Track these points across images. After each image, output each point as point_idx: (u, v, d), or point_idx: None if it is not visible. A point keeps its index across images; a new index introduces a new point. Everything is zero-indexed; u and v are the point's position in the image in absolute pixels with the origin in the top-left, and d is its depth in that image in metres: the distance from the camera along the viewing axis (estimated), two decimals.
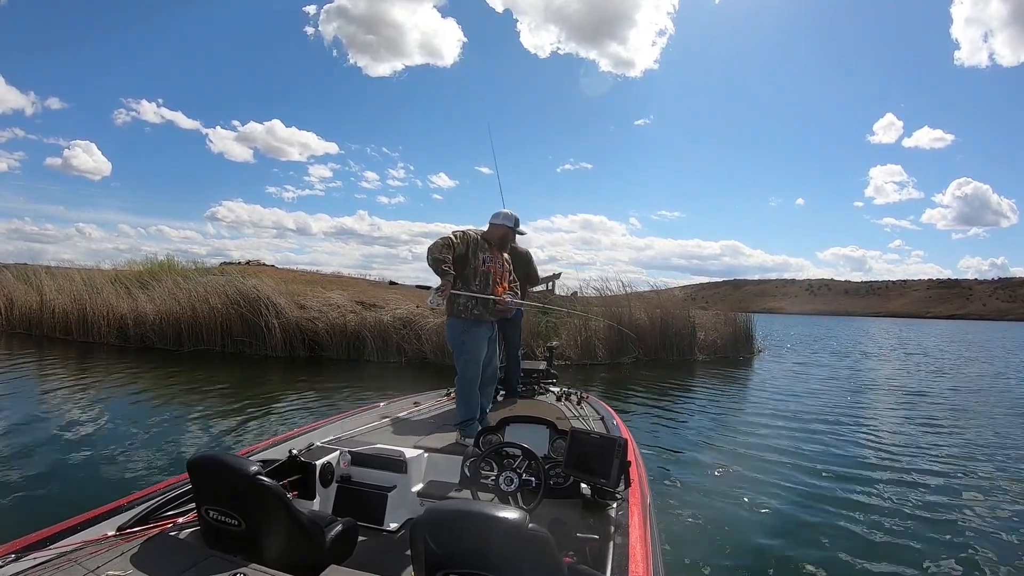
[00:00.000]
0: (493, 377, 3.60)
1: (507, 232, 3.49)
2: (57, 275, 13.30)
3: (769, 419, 6.61)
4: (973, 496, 4.12)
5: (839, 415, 7.03)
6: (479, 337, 3.33)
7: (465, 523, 1.25)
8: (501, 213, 3.51)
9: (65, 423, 5.30)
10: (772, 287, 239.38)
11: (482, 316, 3.32)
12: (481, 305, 3.31)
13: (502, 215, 3.50)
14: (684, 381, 9.60)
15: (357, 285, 14.34)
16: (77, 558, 1.52)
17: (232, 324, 10.94)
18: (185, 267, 14.31)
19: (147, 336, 11.27)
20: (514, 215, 3.52)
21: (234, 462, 1.67)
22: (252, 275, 12.31)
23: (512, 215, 3.52)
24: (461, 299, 3.30)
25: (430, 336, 10.48)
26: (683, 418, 6.56)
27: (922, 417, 7.16)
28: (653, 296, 13.27)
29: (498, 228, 3.47)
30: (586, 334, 11.19)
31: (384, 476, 2.42)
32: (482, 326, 3.34)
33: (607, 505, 2.12)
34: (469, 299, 3.28)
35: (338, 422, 3.09)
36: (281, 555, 1.58)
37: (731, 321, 13.70)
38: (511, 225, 3.48)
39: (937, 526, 3.52)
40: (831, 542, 3.23)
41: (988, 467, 4.90)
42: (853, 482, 4.31)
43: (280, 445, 2.55)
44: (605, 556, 1.73)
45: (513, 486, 2.15)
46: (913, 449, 5.43)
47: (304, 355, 10.73)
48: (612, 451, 2.07)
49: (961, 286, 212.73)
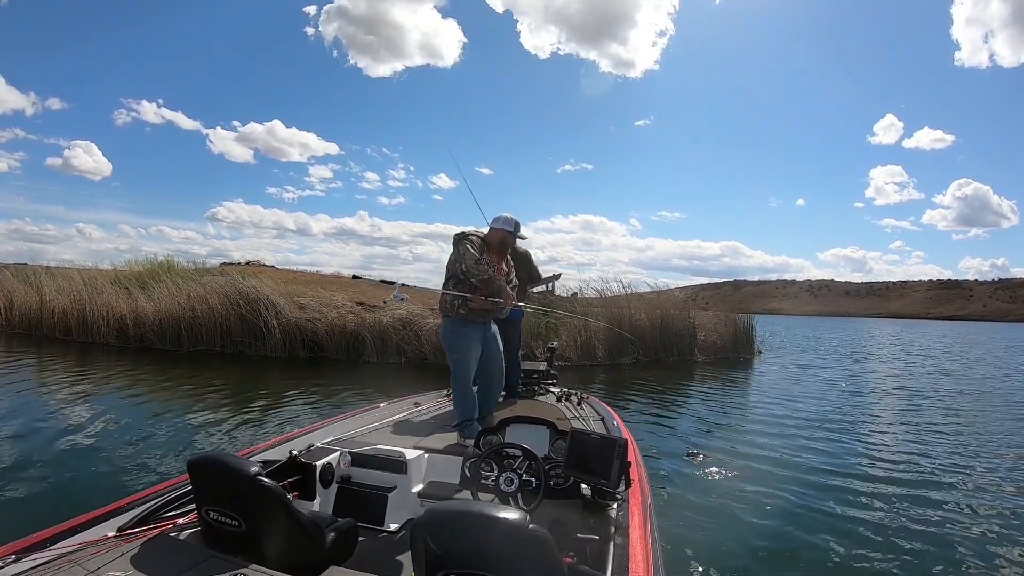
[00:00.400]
0: (498, 376, 3.59)
1: (507, 236, 3.46)
2: (57, 275, 13.29)
3: (769, 420, 6.61)
4: (977, 499, 4.07)
5: (840, 417, 7.00)
6: (468, 337, 3.33)
7: (465, 524, 1.25)
8: (501, 217, 3.49)
9: (64, 424, 5.30)
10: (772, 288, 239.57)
11: (468, 315, 3.31)
12: (467, 304, 3.30)
13: (502, 219, 3.47)
14: (684, 382, 9.60)
15: (357, 286, 14.32)
16: (77, 559, 1.52)
17: (231, 324, 10.94)
18: (185, 267, 14.30)
19: (146, 336, 11.27)
20: (514, 219, 3.49)
21: (234, 463, 1.66)
22: (252, 275, 12.30)
23: (512, 219, 3.49)
24: (447, 298, 3.32)
25: (429, 337, 10.48)
26: (683, 419, 6.55)
27: (926, 419, 7.11)
28: (653, 297, 13.29)
29: (497, 232, 3.45)
30: (586, 335, 11.19)
31: (384, 477, 2.42)
32: (471, 325, 3.34)
33: (607, 506, 2.11)
34: (456, 298, 3.30)
35: (338, 423, 3.09)
36: (281, 556, 1.58)
37: (731, 322, 13.71)
38: (511, 229, 3.45)
39: (939, 530, 3.49)
40: (831, 543, 3.23)
41: (994, 471, 4.83)
42: (854, 484, 4.30)
43: (280, 446, 2.55)
44: (605, 557, 1.72)
45: (513, 487, 2.14)
46: (916, 452, 5.37)
47: (304, 356, 10.73)
48: (612, 452, 2.07)
49: (961, 287, 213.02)
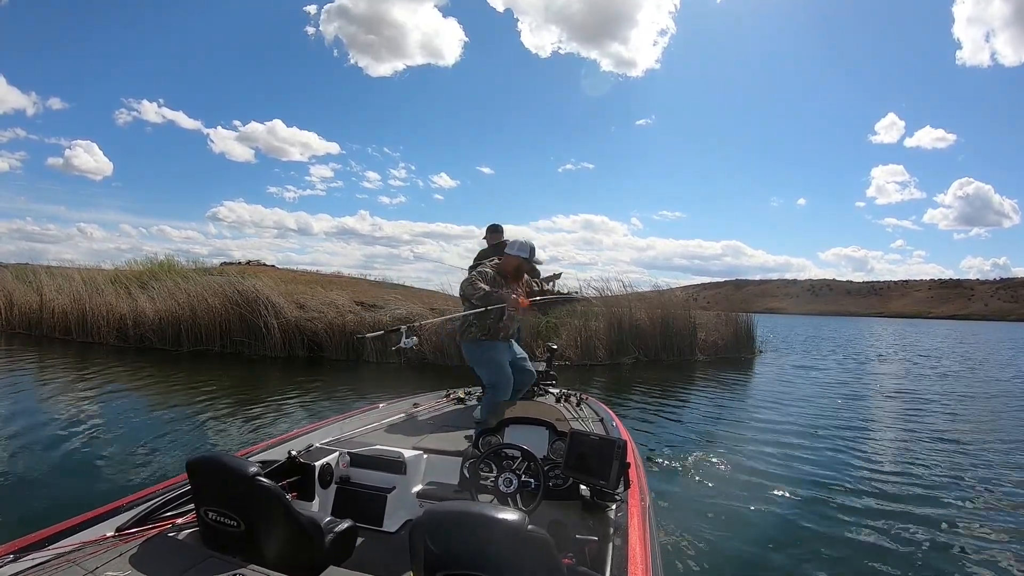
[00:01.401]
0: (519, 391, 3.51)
1: (521, 263, 3.32)
2: (56, 275, 13.28)
3: (769, 421, 6.57)
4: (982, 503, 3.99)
5: (841, 418, 6.95)
6: (492, 348, 3.28)
7: (464, 524, 1.26)
8: (516, 243, 3.36)
9: (64, 424, 5.29)
10: (774, 287, 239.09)
11: (482, 335, 3.25)
12: (487, 324, 3.23)
13: (516, 245, 3.34)
14: (684, 382, 9.58)
15: (357, 285, 14.34)
16: (76, 559, 1.52)
17: (231, 324, 10.92)
18: (185, 267, 14.30)
19: (146, 336, 11.26)
20: (529, 243, 3.34)
21: (233, 463, 1.66)
22: (251, 275, 12.29)
23: (528, 244, 3.34)
24: (460, 324, 3.32)
25: (430, 337, 10.48)
26: (683, 419, 6.54)
27: (930, 421, 7.00)
28: (654, 296, 13.26)
29: (512, 259, 3.32)
30: (586, 334, 11.17)
31: (383, 477, 2.42)
32: (487, 344, 3.27)
33: (606, 507, 2.11)
34: (467, 322, 3.26)
35: (337, 423, 3.09)
36: (280, 556, 1.57)
37: (732, 321, 13.69)
38: (525, 255, 3.30)
39: (943, 534, 3.43)
40: (830, 546, 3.21)
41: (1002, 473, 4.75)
42: (855, 486, 4.24)
43: (279, 446, 2.55)
44: (604, 558, 1.72)
45: (512, 487, 2.15)
46: (921, 455, 5.27)
47: (303, 355, 10.71)
48: (611, 452, 2.07)
49: (963, 286, 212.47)
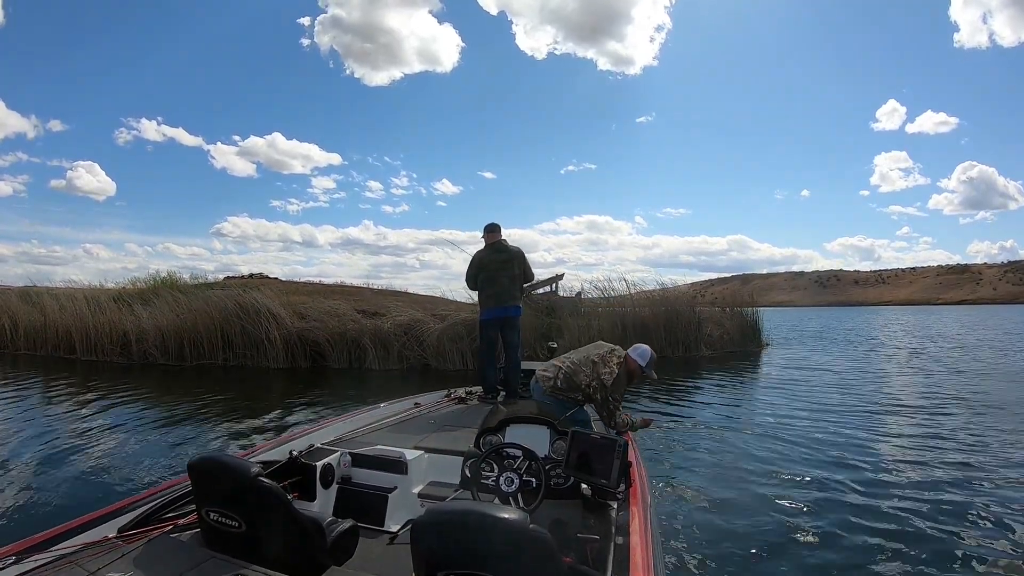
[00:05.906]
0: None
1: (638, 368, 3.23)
2: (60, 295, 13.41)
3: (774, 417, 6.46)
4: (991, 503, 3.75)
5: (848, 413, 6.76)
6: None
7: (466, 524, 1.25)
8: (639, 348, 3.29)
9: (66, 433, 5.35)
10: (781, 280, 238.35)
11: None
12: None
13: (639, 351, 3.27)
14: (688, 378, 9.49)
15: (360, 294, 14.39)
16: (78, 560, 1.52)
17: (233, 337, 10.96)
18: (187, 282, 14.40)
19: (150, 352, 11.33)
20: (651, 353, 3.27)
21: (234, 463, 1.67)
22: (253, 288, 12.36)
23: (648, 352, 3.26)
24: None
25: (431, 342, 10.48)
26: (685, 417, 6.43)
27: (945, 415, 6.60)
28: (660, 293, 13.20)
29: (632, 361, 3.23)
30: (590, 334, 11.14)
31: (384, 477, 2.42)
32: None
33: (608, 506, 2.11)
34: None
35: (338, 423, 3.10)
36: (281, 556, 1.57)
37: (737, 316, 13.64)
38: (643, 364, 3.22)
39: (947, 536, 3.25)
40: (833, 545, 3.12)
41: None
42: (861, 485, 4.08)
43: (281, 446, 2.55)
44: (606, 557, 1.71)
45: (513, 487, 2.14)
46: (933, 450, 4.98)
47: (306, 365, 10.73)
48: (613, 452, 2.07)
49: (971, 271, 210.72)
